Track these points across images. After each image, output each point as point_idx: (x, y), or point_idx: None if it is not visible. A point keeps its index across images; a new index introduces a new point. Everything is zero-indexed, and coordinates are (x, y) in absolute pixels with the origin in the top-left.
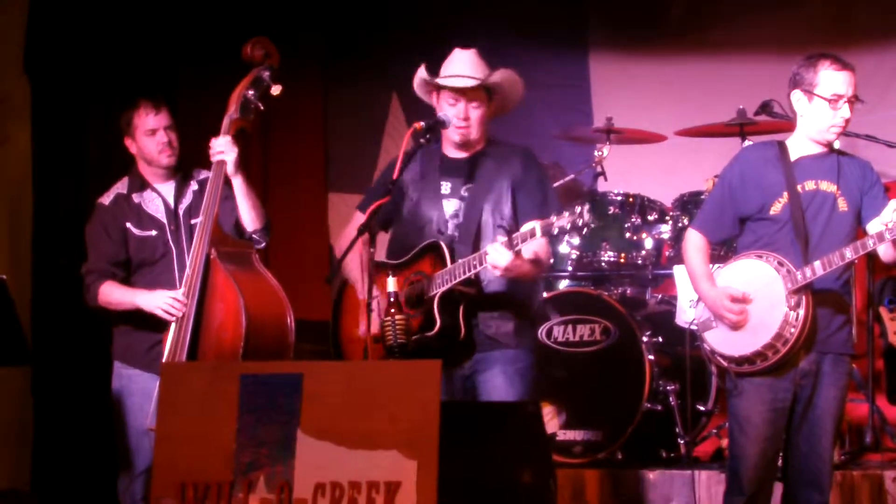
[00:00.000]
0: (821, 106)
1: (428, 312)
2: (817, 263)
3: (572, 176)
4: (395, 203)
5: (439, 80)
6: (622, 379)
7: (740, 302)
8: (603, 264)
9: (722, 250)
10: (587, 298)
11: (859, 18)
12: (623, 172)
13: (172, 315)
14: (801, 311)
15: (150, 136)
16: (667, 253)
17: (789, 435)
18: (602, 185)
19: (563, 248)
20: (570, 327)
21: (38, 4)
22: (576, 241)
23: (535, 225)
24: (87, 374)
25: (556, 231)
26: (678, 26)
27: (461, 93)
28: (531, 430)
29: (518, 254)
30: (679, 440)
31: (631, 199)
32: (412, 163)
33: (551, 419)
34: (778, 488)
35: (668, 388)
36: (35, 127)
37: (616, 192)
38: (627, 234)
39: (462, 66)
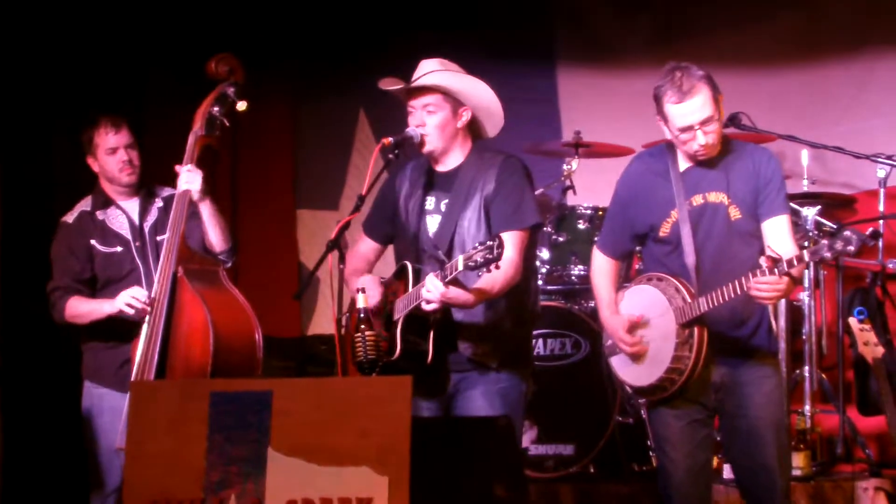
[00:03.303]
0: (678, 138)
1: (392, 337)
2: (702, 300)
3: (541, 190)
4: (392, 220)
5: (386, 88)
6: (593, 392)
7: (638, 328)
8: (573, 278)
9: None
10: (557, 313)
11: (827, 30)
12: (592, 186)
13: (136, 308)
14: (694, 342)
15: (111, 154)
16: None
17: (729, 454)
18: (571, 199)
19: None
20: (540, 341)
21: (1, 22)
22: (545, 254)
23: (458, 257)
24: (57, 393)
25: (472, 264)
26: (645, 40)
27: (412, 97)
28: (503, 445)
29: (451, 284)
30: (651, 453)
31: (600, 213)
32: (402, 179)
33: (523, 434)
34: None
35: (640, 400)
36: (0, 146)
37: (585, 205)
38: None
39: (419, 72)
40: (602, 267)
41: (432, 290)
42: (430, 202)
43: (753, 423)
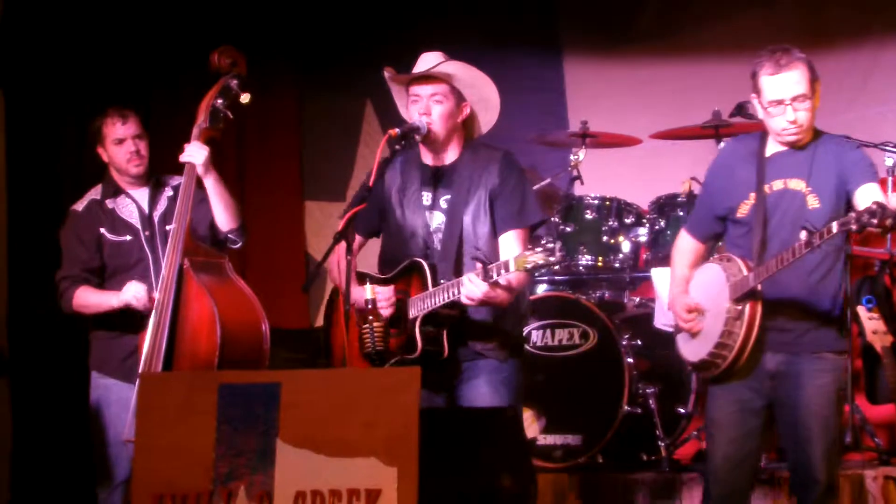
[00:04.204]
0: (767, 112)
1: (410, 335)
2: (751, 275)
3: (548, 180)
4: (380, 213)
5: (390, 74)
6: (601, 383)
7: (695, 311)
8: (581, 268)
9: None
10: (565, 303)
11: (831, 18)
12: (599, 176)
13: (142, 301)
14: (745, 318)
15: (119, 145)
16: (644, 256)
17: (781, 443)
18: (578, 189)
19: None
20: (548, 332)
21: (11, 15)
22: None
23: (510, 258)
24: (66, 384)
25: (529, 265)
26: (651, 29)
27: (420, 85)
28: (511, 436)
29: (493, 285)
30: (659, 443)
31: (607, 203)
32: (393, 173)
33: (531, 424)
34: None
35: (648, 390)
36: (9, 136)
37: (592, 195)
38: (604, 238)
39: (423, 63)
40: (683, 247)
41: (474, 290)
42: (427, 197)
43: (801, 415)
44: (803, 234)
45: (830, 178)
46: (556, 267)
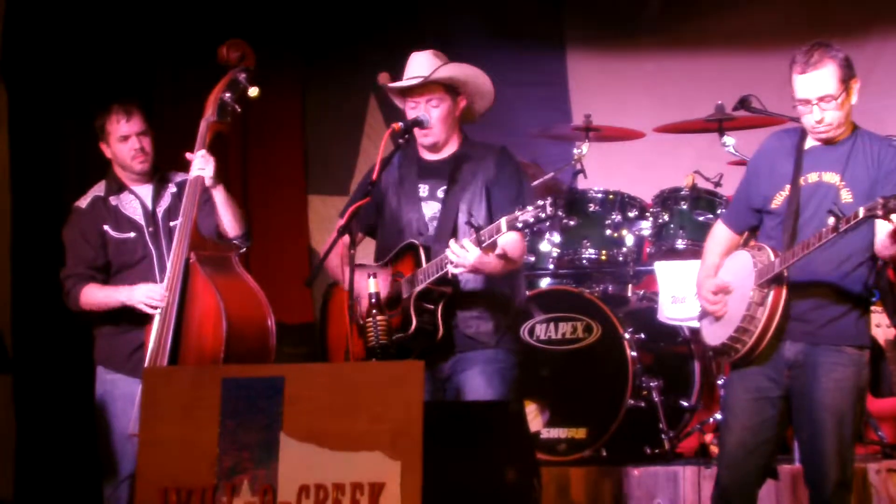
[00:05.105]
0: (797, 109)
1: (405, 312)
2: (777, 260)
3: (552, 174)
4: (377, 209)
5: (388, 86)
6: (605, 376)
7: (722, 292)
8: (584, 262)
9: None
10: (569, 296)
11: (834, 12)
12: (603, 170)
13: (153, 307)
14: (768, 305)
15: (123, 142)
16: (647, 249)
17: (796, 434)
18: (582, 183)
19: (545, 247)
20: (552, 325)
21: (14, 10)
22: (557, 238)
23: (501, 220)
24: (70, 379)
25: (520, 224)
26: (655, 23)
27: (415, 94)
28: (515, 429)
29: (486, 249)
30: (663, 436)
31: (611, 197)
32: (390, 168)
33: (535, 417)
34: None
35: (652, 384)
36: (12, 132)
37: (596, 189)
38: (608, 232)
39: (414, 68)
40: (717, 235)
41: (465, 255)
42: (423, 189)
43: (815, 408)
44: (830, 220)
45: (865, 176)
46: (548, 222)
